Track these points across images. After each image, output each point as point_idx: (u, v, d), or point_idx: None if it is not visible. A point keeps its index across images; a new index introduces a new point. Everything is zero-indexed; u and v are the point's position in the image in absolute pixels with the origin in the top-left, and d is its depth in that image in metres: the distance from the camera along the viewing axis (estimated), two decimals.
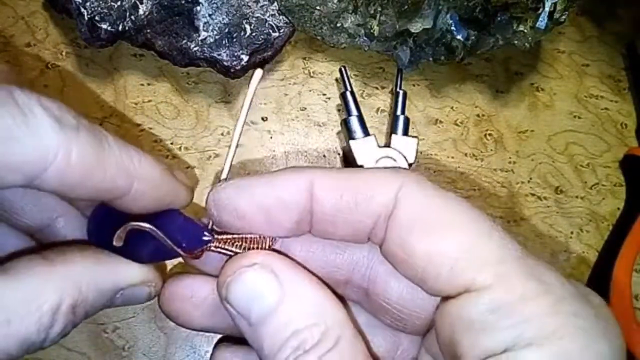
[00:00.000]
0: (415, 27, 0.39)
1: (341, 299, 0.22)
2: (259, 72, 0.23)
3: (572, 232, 0.41)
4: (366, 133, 0.38)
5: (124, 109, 0.40)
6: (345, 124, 0.39)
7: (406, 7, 0.38)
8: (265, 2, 0.39)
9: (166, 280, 0.25)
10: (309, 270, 0.22)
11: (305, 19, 0.40)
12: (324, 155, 0.41)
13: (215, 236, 0.23)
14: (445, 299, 0.20)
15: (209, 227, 0.24)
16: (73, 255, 0.21)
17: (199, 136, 0.40)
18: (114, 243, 0.22)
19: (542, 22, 0.39)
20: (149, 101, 0.40)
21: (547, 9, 0.39)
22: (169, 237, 0.22)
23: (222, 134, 0.40)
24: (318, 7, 0.39)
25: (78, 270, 0.21)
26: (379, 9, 0.39)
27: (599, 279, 0.40)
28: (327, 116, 0.42)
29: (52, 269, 0.20)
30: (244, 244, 0.23)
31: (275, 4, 0.39)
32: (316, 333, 0.19)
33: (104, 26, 0.37)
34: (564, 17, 0.40)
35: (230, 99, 0.41)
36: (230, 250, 0.23)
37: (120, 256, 0.23)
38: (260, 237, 0.23)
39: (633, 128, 0.45)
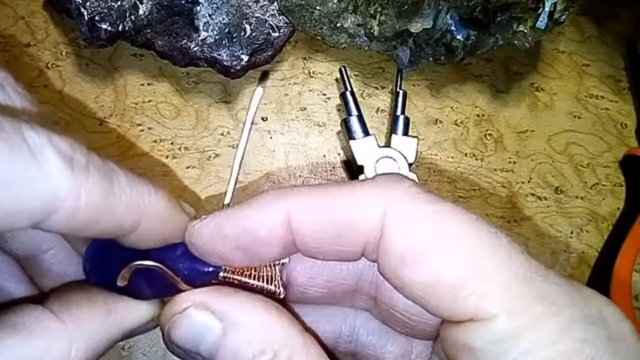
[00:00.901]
0: (415, 27, 0.39)
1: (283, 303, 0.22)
2: (259, 92, 0.22)
3: (572, 232, 0.41)
4: (366, 133, 0.38)
5: (124, 109, 0.40)
6: (345, 124, 0.39)
7: (406, 7, 0.38)
8: (265, 2, 0.39)
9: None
10: (252, 291, 0.22)
11: (305, 19, 0.40)
12: (324, 155, 0.41)
13: (223, 266, 0.22)
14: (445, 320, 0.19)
15: None
16: (81, 309, 0.21)
17: (199, 136, 0.40)
18: (118, 283, 0.22)
19: (542, 22, 0.39)
20: (149, 101, 0.40)
21: (547, 9, 0.39)
22: (175, 272, 0.21)
23: (222, 134, 0.40)
24: (318, 7, 0.39)
25: (89, 327, 0.21)
26: (379, 9, 0.39)
27: (599, 279, 0.40)
28: (327, 116, 0.42)
29: (62, 327, 0.20)
30: (252, 272, 0.22)
31: (275, 4, 0.39)
32: None
33: (104, 26, 0.37)
34: (564, 17, 0.40)
35: (230, 99, 0.41)
36: (238, 280, 0.22)
37: (126, 296, 0.22)
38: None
39: (633, 128, 0.45)
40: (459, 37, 0.40)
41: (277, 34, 0.39)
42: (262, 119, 0.41)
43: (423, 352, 0.24)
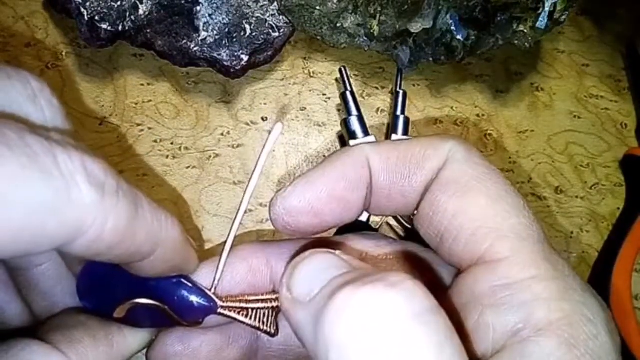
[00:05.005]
0: (415, 27, 0.39)
1: None
2: (279, 127, 0.22)
3: (572, 232, 0.41)
4: (366, 133, 0.38)
5: (124, 109, 0.40)
6: (345, 124, 0.39)
7: (406, 7, 0.38)
8: (265, 2, 0.39)
9: (155, 339, 0.24)
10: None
11: (305, 19, 0.40)
12: (324, 156, 0.41)
13: (220, 303, 0.22)
14: (458, 274, 0.20)
15: (213, 292, 0.23)
16: (86, 346, 0.21)
17: (199, 136, 0.40)
18: (115, 315, 0.22)
19: (542, 22, 0.39)
20: (149, 101, 0.40)
21: (547, 9, 0.39)
22: (172, 308, 0.22)
23: (222, 134, 0.40)
24: (318, 7, 0.39)
25: None
26: (379, 9, 0.39)
27: (599, 279, 0.40)
28: (327, 116, 0.42)
29: None
30: (249, 312, 0.22)
31: (275, 4, 0.39)
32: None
33: (104, 26, 0.37)
34: (564, 17, 0.40)
35: (230, 99, 0.41)
36: (234, 318, 0.22)
37: (122, 324, 0.22)
38: (264, 301, 0.22)
39: (633, 128, 0.45)
40: (459, 37, 0.40)
41: (277, 34, 0.39)
42: (262, 119, 0.41)
43: None
